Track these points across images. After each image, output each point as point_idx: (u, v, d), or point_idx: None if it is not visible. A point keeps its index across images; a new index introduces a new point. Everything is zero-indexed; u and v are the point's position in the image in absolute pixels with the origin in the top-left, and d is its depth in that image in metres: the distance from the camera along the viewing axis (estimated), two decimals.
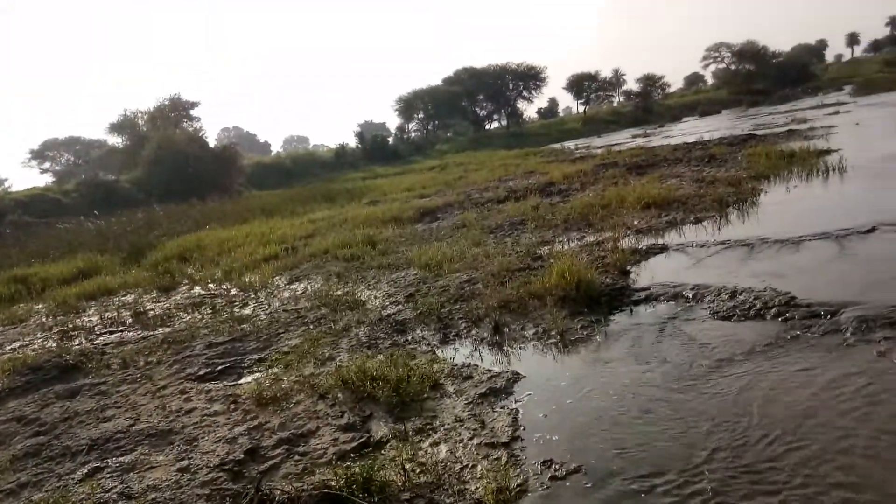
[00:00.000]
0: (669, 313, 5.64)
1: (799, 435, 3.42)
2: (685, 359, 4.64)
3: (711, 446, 3.45)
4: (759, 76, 68.98)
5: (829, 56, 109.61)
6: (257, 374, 5.73)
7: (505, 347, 5.49)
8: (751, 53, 73.16)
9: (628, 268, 7.09)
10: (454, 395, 4.64)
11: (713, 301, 5.67)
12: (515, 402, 4.41)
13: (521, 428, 4.01)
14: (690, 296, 5.93)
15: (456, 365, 5.17)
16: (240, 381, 5.63)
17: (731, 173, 12.68)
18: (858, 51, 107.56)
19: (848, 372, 4.01)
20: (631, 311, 5.91)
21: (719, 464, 3.28)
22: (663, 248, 7.82)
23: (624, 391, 4.30)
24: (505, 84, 67.39)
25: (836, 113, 25.78)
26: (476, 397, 4.54)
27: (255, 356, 6.21)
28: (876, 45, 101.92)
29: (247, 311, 8.06)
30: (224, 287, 9.77)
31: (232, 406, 5.00)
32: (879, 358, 4.11)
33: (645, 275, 6.86)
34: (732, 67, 75.89)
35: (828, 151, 13.75)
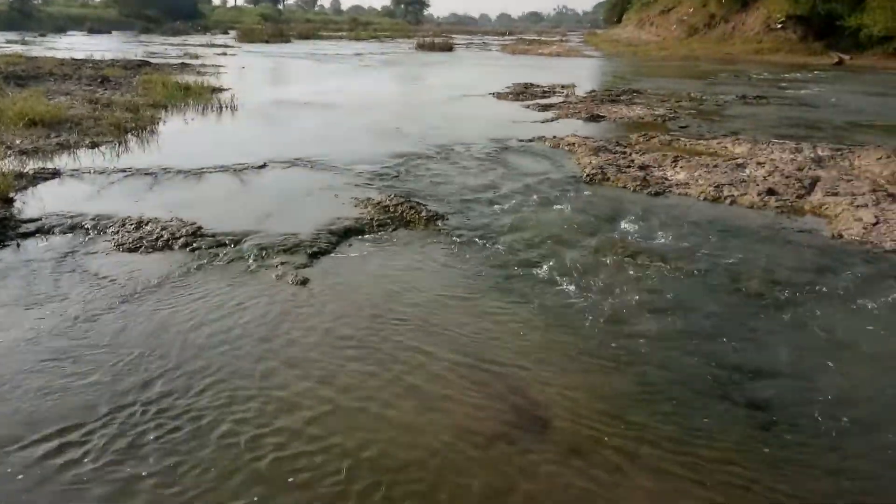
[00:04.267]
0: (68, 247, 5.00)
1: (212, 354, 3.53)
2: (89, 296, 4.21)
3: (140, 379, 3.24)
4: (152, 3, 67.64)
5: None
6: None
7: None
8: None
9: (13, 195, 5.95)
10: None
11: (118, 232, 5.30)
12: None
13: None
14: (91, 227, 5.39)
15: None
16: None
17: (128, 98, 12.07)
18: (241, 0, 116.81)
19: (252, 295, 4.34)
20: (19, 245, 5.01)
21: (155, 394, 3.10)
22: (56, 173, 6.86)
23: (13, 345, 3.61)
24: None
25: (225, 55, 27.48)
26: None
27: None
28: None
29: None
30: None
31: None
32: (277, 281, 4.59)
33: (35, 203, 5.90)
34: None
35: (221, 89, 14.54)
